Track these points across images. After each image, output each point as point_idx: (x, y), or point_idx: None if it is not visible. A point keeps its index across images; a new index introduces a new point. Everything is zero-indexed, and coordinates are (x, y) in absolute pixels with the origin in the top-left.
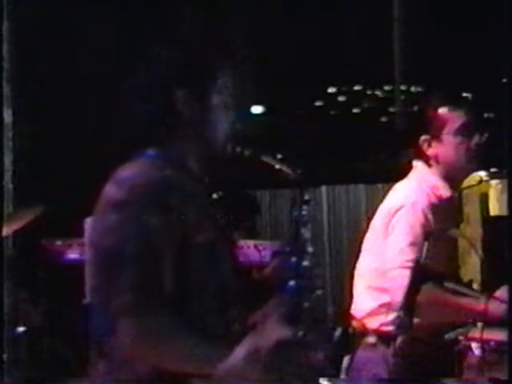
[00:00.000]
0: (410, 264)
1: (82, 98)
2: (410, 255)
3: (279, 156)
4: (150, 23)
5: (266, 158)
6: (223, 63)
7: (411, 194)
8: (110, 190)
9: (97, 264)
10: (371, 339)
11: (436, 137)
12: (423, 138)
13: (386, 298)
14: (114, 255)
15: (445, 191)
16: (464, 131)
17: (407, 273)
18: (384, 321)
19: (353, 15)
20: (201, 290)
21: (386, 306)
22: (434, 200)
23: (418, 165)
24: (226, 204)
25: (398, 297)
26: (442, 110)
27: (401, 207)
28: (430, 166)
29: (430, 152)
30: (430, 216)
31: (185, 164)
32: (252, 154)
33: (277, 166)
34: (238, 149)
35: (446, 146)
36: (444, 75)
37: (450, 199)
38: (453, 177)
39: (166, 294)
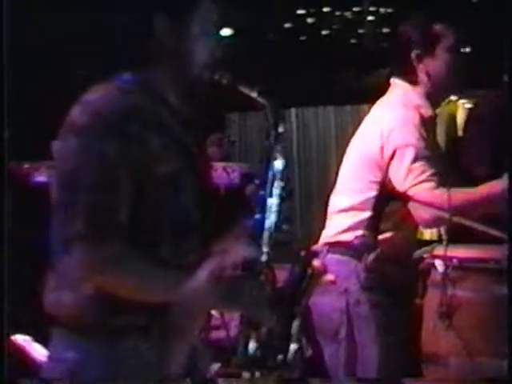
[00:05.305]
0: (424, 177)
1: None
2: (419, 170)
3: (256, 88)
4: None
5: (243, 89)
6: None
7: (400, 112)
8: (75, 113)
9: (57, 187)
10: (343, 254)
11: (429, 53)
12: (415, 52)
13: (364, 216)
14: (71, 181)
15: (427, 110)
16: (457, 48)
17: (424, 186)
18: (358, 236)
19: None
20: (160, 219)
21: (364, 223)
22: (418, 118)
23: (399, 83)
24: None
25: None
26: (437, 27)
27: (394, 127)
28: (414, 83)
29: (421, 68)
30: (422, 131)
31: (159, 91)
32: (230, 84)
33: (253, 96)
34: (216, 78)
35: (439, 62)
36: None
37: (431, 119)
38: (437, 96)
39: (121, 223)
